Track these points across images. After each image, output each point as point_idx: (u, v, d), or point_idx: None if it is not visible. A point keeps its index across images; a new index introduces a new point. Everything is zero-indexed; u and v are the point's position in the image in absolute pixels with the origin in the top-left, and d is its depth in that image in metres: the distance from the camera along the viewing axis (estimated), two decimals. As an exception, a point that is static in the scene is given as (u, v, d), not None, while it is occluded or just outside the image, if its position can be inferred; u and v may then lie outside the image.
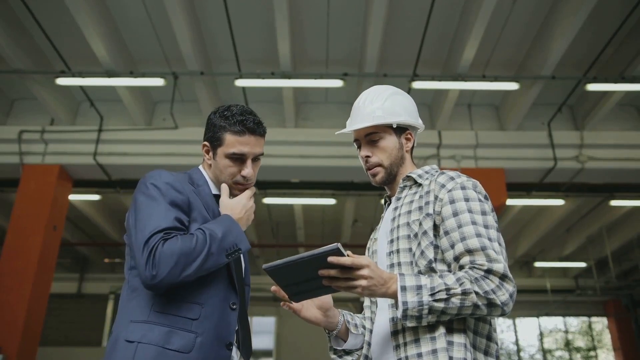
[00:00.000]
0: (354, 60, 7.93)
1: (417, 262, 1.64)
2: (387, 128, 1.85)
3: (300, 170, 8.69)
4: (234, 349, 1.69)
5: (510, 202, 9.32)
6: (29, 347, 7.37)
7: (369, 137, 1.86)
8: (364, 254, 1.92)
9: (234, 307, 1.69)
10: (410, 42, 7.40)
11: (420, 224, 1.67)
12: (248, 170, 1.83)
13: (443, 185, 1.69)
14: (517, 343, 17.03)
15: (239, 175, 1.83)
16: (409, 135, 1.89)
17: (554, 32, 6.94)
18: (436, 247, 1.64)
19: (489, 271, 1.49)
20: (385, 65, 7.78)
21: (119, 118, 8.61)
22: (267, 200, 10.23)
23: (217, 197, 1.84)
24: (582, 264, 14.31)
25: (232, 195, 1.85)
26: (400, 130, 1.87)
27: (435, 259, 1.63)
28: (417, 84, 7.53)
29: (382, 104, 1.86)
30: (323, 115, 8.84)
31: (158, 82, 7.55)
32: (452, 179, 1.70)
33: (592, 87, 7.52)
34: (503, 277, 1.49)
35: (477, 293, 1.47)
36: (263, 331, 16.81)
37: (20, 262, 7.55)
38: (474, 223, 1.58)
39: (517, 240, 13.74)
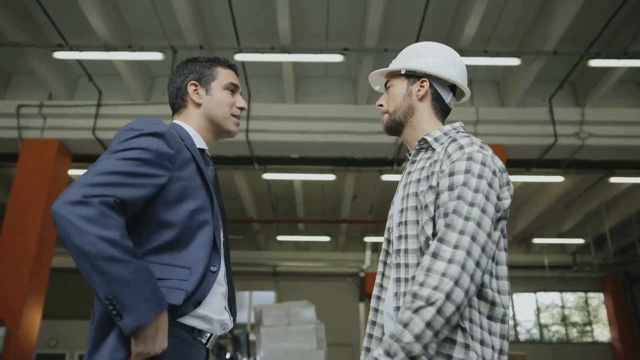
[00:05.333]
0: (354, 34, 7.85)
1: (418, 237, 1.58)
2: (400, 75, 1.81)
3: (299, 146, 8.67)
4: (226, 310, 1.64)
5: (509, 178, 9.32)
6: (31, 320, 7.46)
7: (386, 87, 1.86)
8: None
9: (214, 269, 1.58)
10: (411, 17, 7.31)
11: (425, 196, 1.59)
12: (244, 102, 1.86)
13: (449, 155, 1.59)
14: (514, 318, 17.23)
15: (235, 107, 1.83)
16: (423, 84, 1.77)
17: (556, 8, 6.86)
18: (433, 218, 1.56)
19: (414, 296, 1.39)
20: (386, 40, 7.70)
21: (118, 93, 8.56)
22: (267, 176, 10.23)
23: (202, 151, 1.74)
24: (580, 241, 14.39)
25: (229, 132, 1.83)
26: (416, 78, 1.78)
27: (435, 234, 1.54)
28: (418, 59, 7.46)
29: (403, 53, 1.86)
30: (323, 90, 8.79)
31: (157, 56, 7.48)
32: (461, 148, 1.59)
33: (594, 62, 7.45)
34: (427, 300, 1.37)
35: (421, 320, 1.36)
36: (263, 305, 16.96)
37: (21, 236, 7.58)
38: (459, 197, 1.49)
39: (516, 216, 13.79)
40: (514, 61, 7.57)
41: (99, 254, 1.30)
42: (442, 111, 1.81)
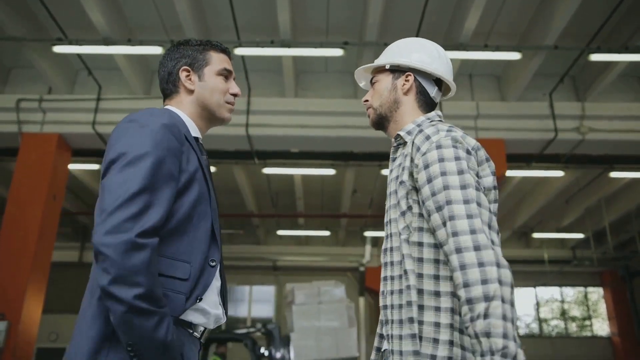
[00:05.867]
0: (354, 28, 7.83)
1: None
2: (385, 71, 1.81)
3: (299, 140, 8.66)
4: (219, 304, 1.63)
5: (509, 173, 9.33)
6: (32, 314, 7.47)
7: (372, 83, 1.86)
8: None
9: (213, 264, 1.57)
10: (411, 11, 7.29)
11: (397, 192, 1.60)
12: (237, 88, 1.80)
13: (418, 148, 1.56)
14: (513, 312, 17.26)
15: (229, 94, 1.77)
16: (408, 78, 1.77)
17: (557, 2, 6.84)
18: (404, 214, 1.56)
19: (469, 302, 1.32)
20: (386, 34, 7.68)
21: (118, 87, 8.55)
22: (267, 170, 10.21)
23: (196, 139, 1.69)
24: (580, 235, 14.40)
25: (222, 119, 1.78)
26: (400, 73, 1.79)
27: (408, 227, 1.54)
28: (418, 54, 7.44)
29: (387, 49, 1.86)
30: (323, 84, 8.78)
31: (156, 50, 7.46)
32: (427, 138, 1.56)
33: (595, 57, 7.44)
34: (487, 298, 1.30)
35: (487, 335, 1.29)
36: (263, 300, 17.00)
37: (21, 230, 7.59)
38: (446, 187, 1.44)
39: (515, 211, 13.80)
40: (515, 55, 7.55)
41: (133, 306, 1.30)
42: (427, 105, 1.79)
